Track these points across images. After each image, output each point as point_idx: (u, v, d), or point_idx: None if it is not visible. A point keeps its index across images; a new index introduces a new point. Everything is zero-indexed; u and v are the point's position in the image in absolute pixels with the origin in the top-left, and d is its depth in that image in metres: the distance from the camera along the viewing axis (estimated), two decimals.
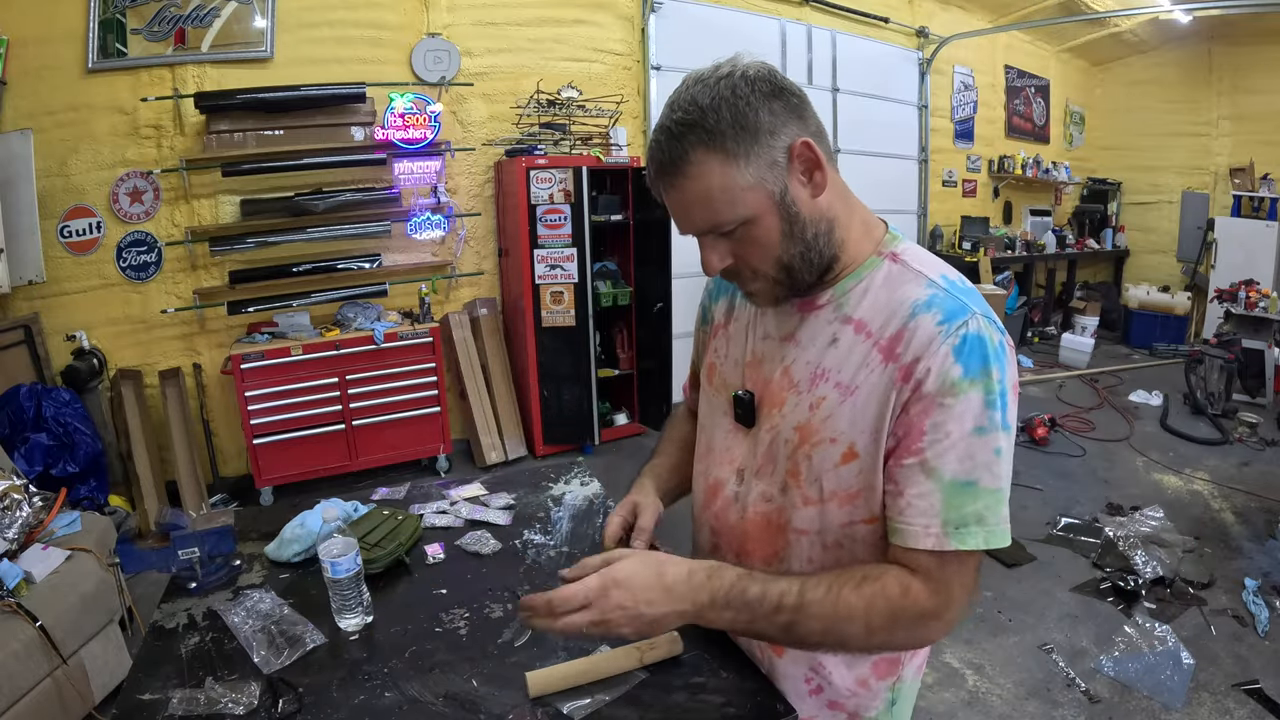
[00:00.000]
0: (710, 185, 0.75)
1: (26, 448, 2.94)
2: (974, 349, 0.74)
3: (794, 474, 0.85)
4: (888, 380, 0.77)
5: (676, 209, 0.80)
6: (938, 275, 0.81)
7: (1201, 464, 4.08)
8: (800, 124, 0.77)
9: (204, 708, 0.89)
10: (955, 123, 6.74)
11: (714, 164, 0.74)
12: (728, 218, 0.77)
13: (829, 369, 0.82)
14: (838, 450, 0.81)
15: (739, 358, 0.95)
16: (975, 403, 0.74)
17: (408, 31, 4.05)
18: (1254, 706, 2.18)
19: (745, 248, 0.80)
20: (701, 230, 0.80)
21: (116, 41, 3.41)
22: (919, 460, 0.75)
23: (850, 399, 0.80)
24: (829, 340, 0.83)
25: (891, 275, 0.82)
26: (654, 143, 0.78)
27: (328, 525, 1.07)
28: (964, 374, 0.74)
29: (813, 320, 0.86)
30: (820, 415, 0.82)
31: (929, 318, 0.76)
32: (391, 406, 3.81)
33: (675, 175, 0.76)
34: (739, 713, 0.87)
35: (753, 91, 0.75)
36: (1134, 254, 7.89)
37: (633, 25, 4.73)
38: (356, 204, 3.88)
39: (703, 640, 1.00)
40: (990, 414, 0.74)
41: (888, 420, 0.77)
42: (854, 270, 0.84)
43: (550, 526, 1.39)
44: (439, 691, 0.92)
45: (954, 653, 2.47)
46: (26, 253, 3.29)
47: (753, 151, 0.75)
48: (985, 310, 0.78)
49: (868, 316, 0.81)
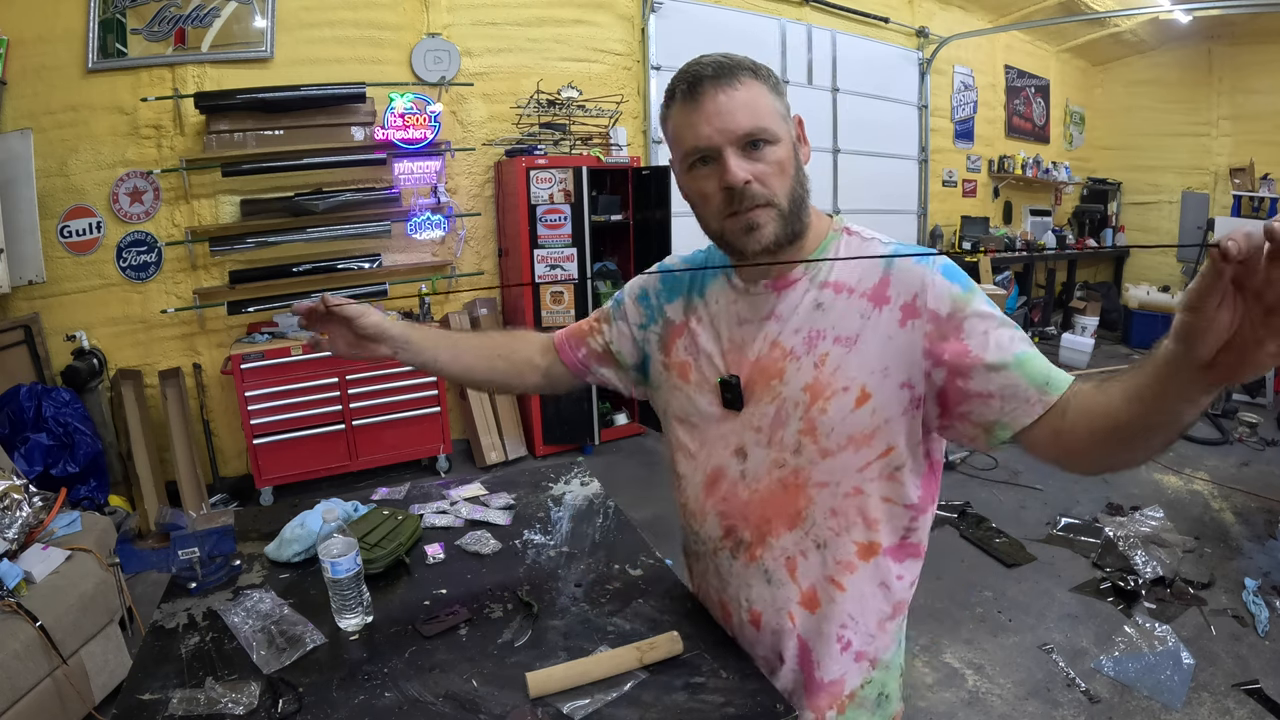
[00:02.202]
0: (758, 96, 0.85)
1: (26, 448, 2.94)
2: (954, 272, 0.86)
3: (809, 431, 0.89)
4: (890, 321, 0.86)
5: (720, 110, 0.84)
6: (889, 239, 0.94)
7: (1201, 464, 4.08)
8: None
9: (204, 708, 0.89)
10: (955, 123, 6.74)
11: (763, 88, 0.86)
12: (768, 125, 0.85)
13: (824, 329, 0.90)
14: (851, 396, 0.87)
15: (713, 350, 0.98)
16: (983, 305, 0.84)
17: (408, 31, 4.05)
18: (1254, 706, 2.18)
19: (768, 168, 0.86)
20: (741, 132, 0.85)
21: (116, 41, 3.41)
22: (981, 364, 0.81)
23: (855, 347, 0.87)
24: (813, 306, 0.91)
25: (852, 244, 0.94)
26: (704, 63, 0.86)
27: (328, 525, 1.07)
28: (963, 289, 0.84)
29: (790, 295, 0.93)
30: (828, 370, 0.88)
31: (903, 262, 0.87)
32: (391, 406, 3.81)
33: (727, 81, 0.84)
34: (739, 713, 0.87)
35: (772, 73, 0.90)
36: (1134, 254, 7.88)
37: (633, 25, 4.73)
38: (356, 204, 3.88)
39: (703, 640, 1.00)
40: (994, 311, 0.85)
41: (915, 358, 0.85)
42: (819, 244, 0.94)
43: (550, 526, 1.39)
44: (439, 691, 0.92)
45: (954, 653, 2.47)
46: (26, 253, 3.29)
47: (782, 100, 0.89)
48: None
49: (844, 278, 0.90)
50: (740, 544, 0.98)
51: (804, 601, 0.95)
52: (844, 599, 0.93)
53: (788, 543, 0.94)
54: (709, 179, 0.87)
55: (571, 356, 1.16)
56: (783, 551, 0.94)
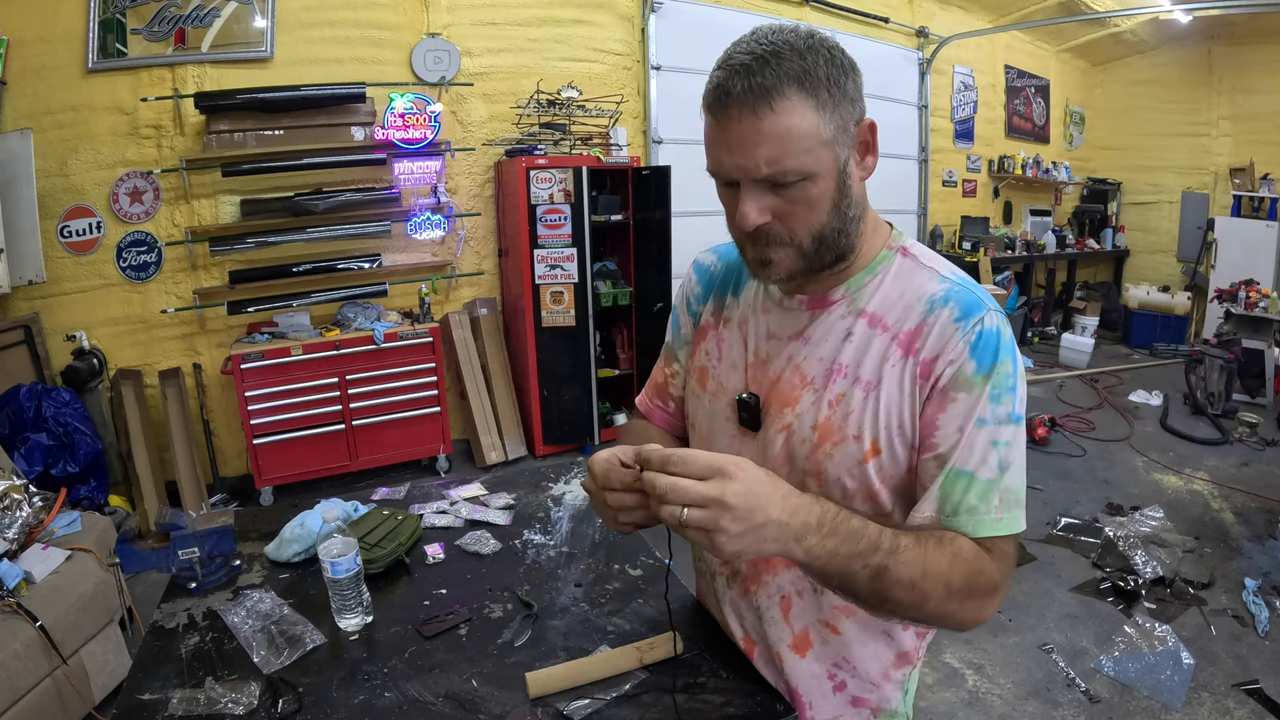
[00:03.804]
0: (794, 125, 0.70)
1: (26, 448, 2.94)
2: (988, 344, 0.75)
3: (815, 474, 0.82)
4: (910, 376, 0.77)
5: (742, 139, 0.72)
6: (948, 271, 0.82)
7: (1201, 464, 4.08)
8: (862, 105, 0.77)
9: (204, 708, 0.89)
10: (955, 123, 6.74)
11: (806, 106, 0.71)
12: (795, 165, 0.72)
13: (846, 364, 0.81)
14: (860, 448, 0.79)
15: (737, 360, 0.91)
16: (984, 398, 0.75)
17: (408, 31, 4.05)
18: (1254, 706, 2.18)
19: (793, 207, 0.75)
20: (760, 172, 0.72)
21: (116, 41, 3.41)
22: (932, 451, 0.76)
23: (872, 394, 0.79)
24: (843, 335, 0.82)
25: (904, 269, 0.82)
26: (739, 65, 0.71)
27: (328, 525, 1.07)
28: (976, 369, 0.75)
29: (825, 317, 0.84)
30: (840, 412, 0.80)
31: (947, 312, 0.77)
32: (391, 406, 3.81)
33: (761, 102, 0.70)
34: (739, 713, 0.87)
35: (843, 56, 0.74)
36: (1134, 254, 7.89)
37: (633, 25, 4.73)
38: (356, 204, 3.88)
39: (703, 640, 1.00)
40: (994, 408, 0.75)
41: (911, 416, 0.78)
42: (868, 264, 0.83)
43: (550, 526, 1.39)
44: (439, 691, 0.92)
45: (954, 653, 2.47)
46: (26, 253, 3.29)
47: (838, 111, 0.73)
48: (995, 303, 0.79)
49: (883, 310, 0.81)
50: (736, 574, 0.94)
51: (795, 645, 0.90)
52: (839, 642, 0.89)
53: (784, 581, 0.89)
54: (730, 199, 0.78)
55: (667, 419, 1.06)
56: (778, 590, 0.90)
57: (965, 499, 0.74)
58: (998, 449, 0.75)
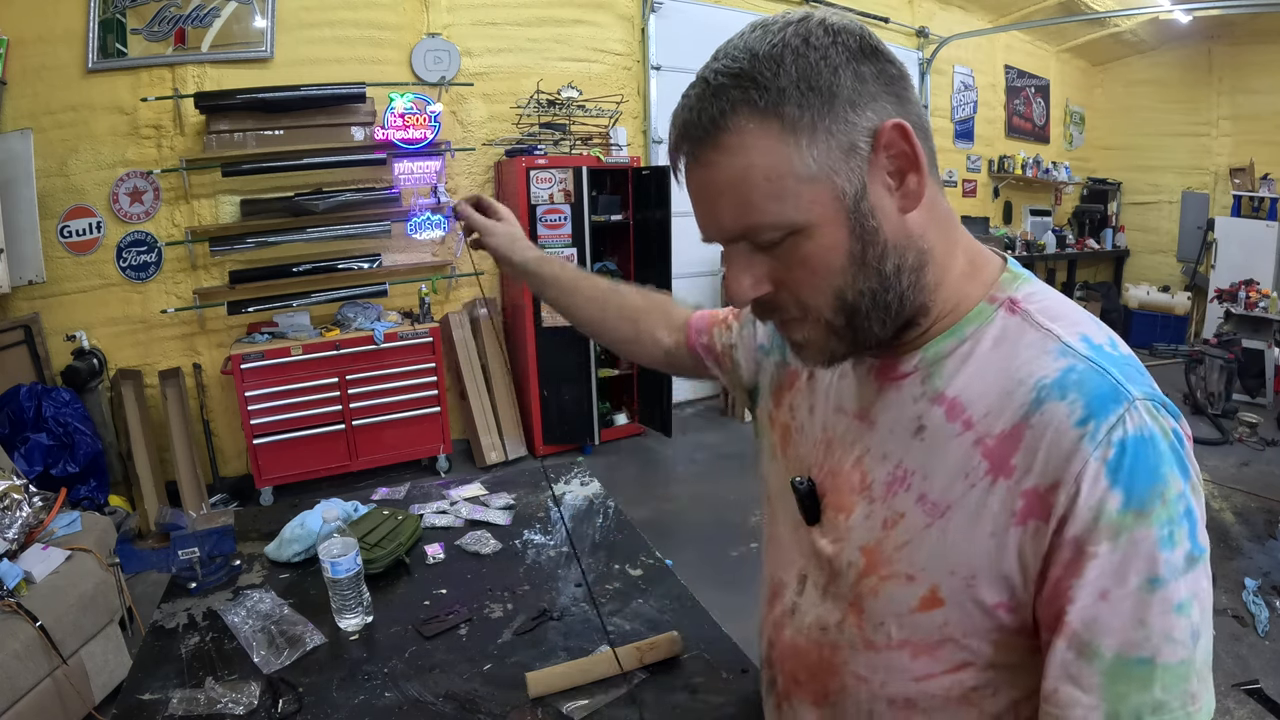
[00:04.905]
0: (751, 165, 0.51)
1: (26, 448, 2.94)
2: (1139, 460, 0.48)
3: (855, 607, 0.61)
4: (1003, 507, 0.52)
5: (700, 194, 0.55)
6: (1075, 335, 0.54)
7: (1201, 464, 3.97)
8: (896, 104, 0.53)
9: (204, 708, 0.89)
10: (955, 123, 6.74)
11: (762, 135, 0.50)
12: (768, 219, 0.52)
13: (911, 471, 0.58)
14: (915, 592, 0.56)
15: (815, 434, 0.69)
16: (1145, 544, 0.48)
17: (408, 31, 4.05)
18: (1254, 706, 2.18)
19: (792, 271, 0.55)
20: (729, 234, 0.55)
21: (116, 41, 3.41)
22: (1067, 634, 0.49)
23: (938, 524, 0.55)
24: (913, 427, 0.58)
25: (1008, 333, 0.56)
26: (684, 97, 0.55)
27: (328, 525, 1.07)
28: (1124, 504, 0.48)
29: (892, 395, 0.61)
30: (895, 540, 0.58)
31: (1064, 410, 0.50)
32: (391, 406, 3.81)
33: (703, 144, 0.53)
34: (739, 713, 0.87)
35: (834, 43, 0.51)
36: (1134, 254, 7.89)
37: (633, 25, 4.73)
38: (356, 204, 3.88)
39: (703, 640, 1.00)
40: (1167, 556, 0.48)
41: (1028, 574, 0.52)
42: (953, 326, 0.58)
43: (550, 526, 1.39)
44: (439, 691, 0.92)
45: None
46: (26, 253, 3.29)
47: (822, 126, 0.51)
48: (1148, 388, 0.52)
49: (968, 397, 0.56)
50: (774, 682, 0.74)
51: None
52: None
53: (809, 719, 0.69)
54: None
55: (695, 340, 0.91)
56: None
57: (1147, 697, 0.48)
58: (1184, 614, 0.48)
